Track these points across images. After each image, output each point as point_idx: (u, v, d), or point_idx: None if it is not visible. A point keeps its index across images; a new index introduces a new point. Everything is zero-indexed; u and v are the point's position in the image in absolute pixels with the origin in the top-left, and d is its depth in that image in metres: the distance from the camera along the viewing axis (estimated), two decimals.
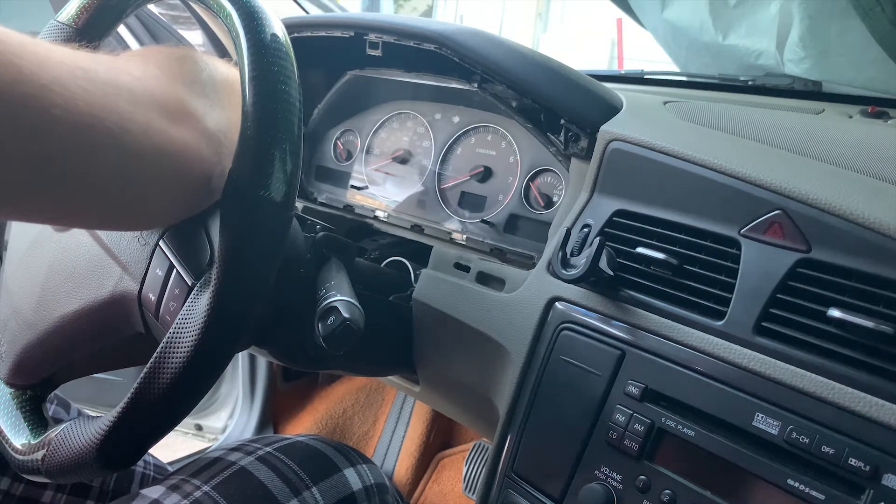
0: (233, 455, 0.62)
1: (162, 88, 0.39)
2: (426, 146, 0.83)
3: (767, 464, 0.43)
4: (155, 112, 0.37)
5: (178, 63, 0.42)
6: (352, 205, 0.87)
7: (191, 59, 0.43)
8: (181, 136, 0.39)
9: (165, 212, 0.43)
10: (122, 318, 0.49)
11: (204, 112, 0.41)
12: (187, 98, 0.41)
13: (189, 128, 0.40)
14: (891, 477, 0.39)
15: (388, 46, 0.75)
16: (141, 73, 0.39)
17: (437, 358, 0.71)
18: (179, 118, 0.39)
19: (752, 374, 0.46)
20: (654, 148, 0.56)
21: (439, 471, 1.31)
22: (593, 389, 0.52)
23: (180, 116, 0.39)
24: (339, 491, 0.63)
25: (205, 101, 0.42)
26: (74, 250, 0.52)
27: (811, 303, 0.45)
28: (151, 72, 0.40)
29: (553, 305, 0.57)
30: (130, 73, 0.38)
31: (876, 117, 0.72)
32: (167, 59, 0.42)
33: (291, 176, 0.40)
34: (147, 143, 0.36)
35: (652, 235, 0.54)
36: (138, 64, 0.40)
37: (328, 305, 0.51)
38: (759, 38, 0.95)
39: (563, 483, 0.53)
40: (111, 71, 0.36)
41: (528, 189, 0.74)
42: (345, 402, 1.37)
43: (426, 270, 0.69)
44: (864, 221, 0.44)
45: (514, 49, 0.67)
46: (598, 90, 0.66)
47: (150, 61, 0.41)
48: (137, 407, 0.41)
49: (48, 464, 0.47)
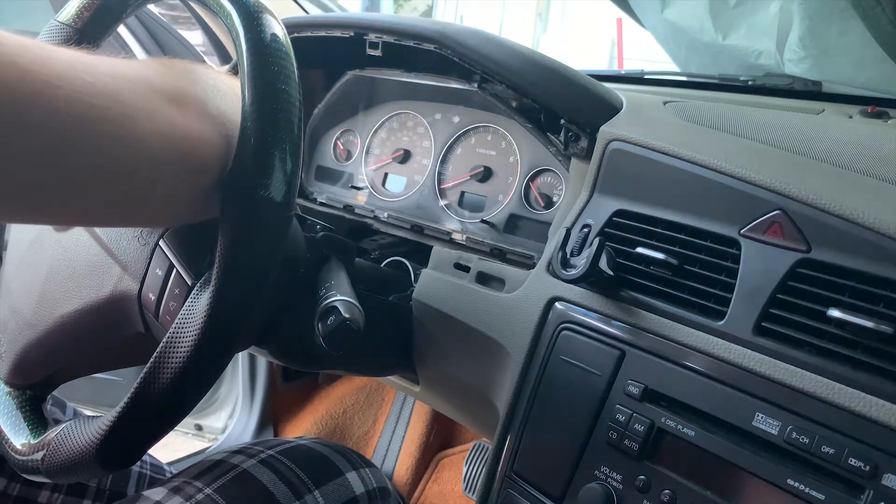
0: (235, 458, 0.62)
1: (162, 78, 0.39)
2: (426, 146, 0.83)
3: (767, 464, 0.43)
4: (157, 98, 0.38)
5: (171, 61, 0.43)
6: (352, 205, 0.87)
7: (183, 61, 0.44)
8: (185, 120, 0.39)
9: (178, 203, 0.42)
10: (122, 317, 0.49)
11: (204, 96, 0.42)
12: (186, 85, 0.41)
13: (192, 112, 0.40)
14: (891, 477, 0.39)
15: (388, 46, 0.75)
16: (140, 66, 0.39)
17: (436, 358, 0.71)
18: (182, 103, 0.39)
19: (751, 374, 0.46)
20: (654, 148, 0.56)
21: (439, 471, 1.31)
22: (593, 389, 0.52)
23: (182, 102, 0.39)
24: (341, 495, 0.63)
25: (203, 88, 0.42)
26: (74, 250, 0.52)
27: (811, 303, 0.45)
28: (149, 65, 0.40)
29: (553, 305, 0.57)
30: (130, 67, 0.38)
31: (876, 117, 0.72)
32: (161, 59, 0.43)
33: (291, 176, 0.40)
34: (152, 129, 0.37)
35: (652, 235, 0.54)
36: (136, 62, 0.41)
37: (328, 305, 0.51)
38: (759, 38, 0.95)
39: (563, 483, 0.53)
40: (112, 65, 0.37)
41: (528, 189, 0.74)
42: (345, 402, 1.38)
43: (426, 270, 0.69)
44: (864, 221, 0.44)
45: (514, 49, 0.67)
46: (598, 90, 0.66)
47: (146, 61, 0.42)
48: (137, 407, 0.41)
49: (48, 464, 0.47)
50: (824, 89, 0.86)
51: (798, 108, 0.76)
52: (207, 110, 0.41)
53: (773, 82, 0.88)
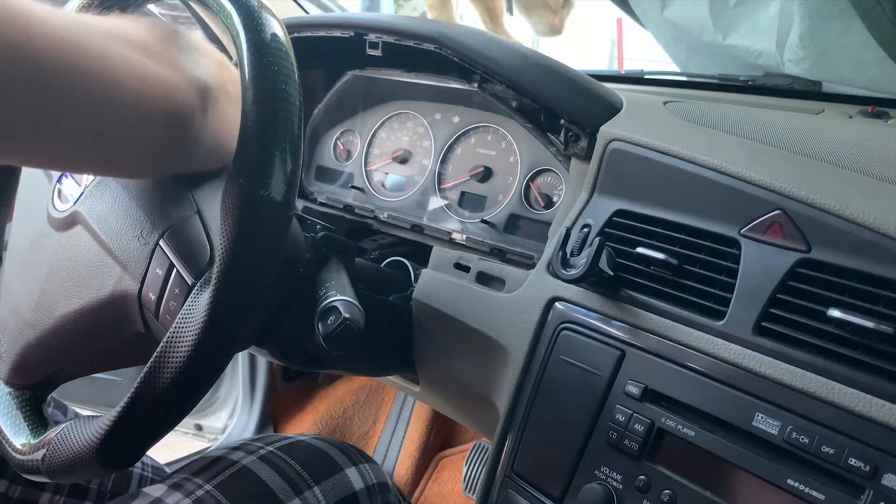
0: (235, 454, 0.62)
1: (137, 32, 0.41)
2: (426, 146, 0.83)
3: (767, 464, 0.43)
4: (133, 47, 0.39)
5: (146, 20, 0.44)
6: (352, 205, 0.87)
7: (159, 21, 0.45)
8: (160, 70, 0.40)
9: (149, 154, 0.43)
10: (122, 317, 0.49)
11: (178, 54, 0.43)
12: (160, 40, 0.42)
13: (170, 67, 0.41)
14: (891, 477, 0.39)
15: (387, 46, 0.75)
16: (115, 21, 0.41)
17: (436, 358, 0.71)
18: (157, 56, 0.40)
19: (751, 373, 0.46)
20: (654, 148, 0.56)
21: (439, 471, 1.31)
22: (593, 389, 0.52)
23: (157, 55, 0.40)
24: (340, 490, 0.63)
25: (176, 48, 0.43)
26: (74, 250, 0.52)
27: (811, 303, 0.45)
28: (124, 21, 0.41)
29: (553, 305, 0.57)
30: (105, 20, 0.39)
31: (876, 117, 0.72)
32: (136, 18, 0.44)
33: (291, 176, 0.40)
34: (128, 72, 0.37)
35: (652, 235, 0.54)
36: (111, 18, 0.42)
37: (328, 305, 0.51)
38: (759, 38, 0.95)
39: (563, 483, 0.53)
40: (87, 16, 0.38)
41: (528, 189, 0.74)
42: (345, 402, 1.38)
43: (426, 270, 0.69)
44: (864, 221, 0.44)
45: (514, 49, 0.67)
46: (598, 90, 0.66)
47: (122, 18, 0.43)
48: (137, 407, 0.41)
49: (48, 464, 0.47)
50: (824, 89, 0.86)
51: (798, 108, 0.76)
52: (181, 64, 0.42)
53: (773, 82, 0.88)
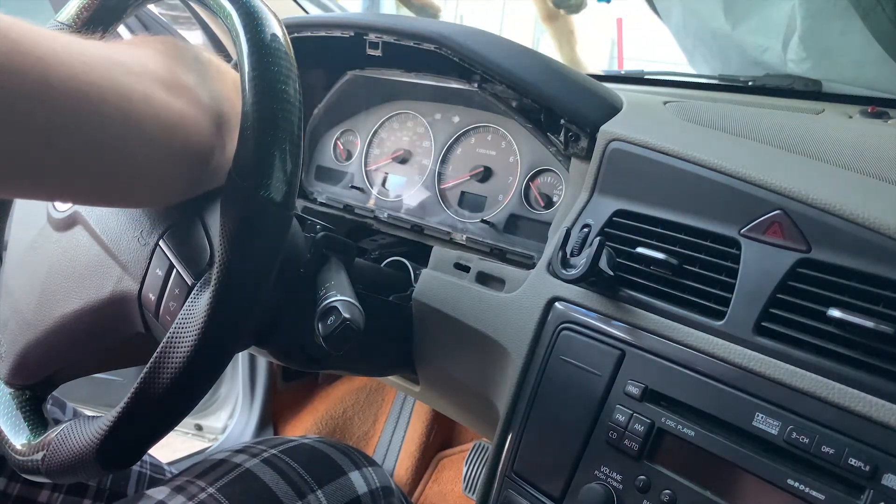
0: (238, 457, 0.62)
1: (156, 63, 0.40)
2: (426, 146, 0.83)
3: (767, 464, 0.43)
4: (153, 83, 0.38)
5: (163, 44, 0.43)
6: (352, 205, 0.87)
7: (174, 42, 0.45)
8: (180, 107, 0.39)
9: (169, 187, 0.43)
10: (122, 317, 0.49)
11: (197, 85, 0.42)
12: (180, 72, 0.41)
13: (187, 99, 0.40)
14: (891, 477, 0.39)
15: (388, 46, 0.75)
16: (133, 51, 0.40)
17: (436, 358, 0.71)
18: (176, 90, 0.40)
19: (751, 374, 0.46)
20: (654, 148, 0.56)
21: (439, 471, 1.31)
22: (593, 389, 0.52)
23: (177, 89, 0.40)
24: (344, 494, 0.63)
25: (195, 76, 0.43)
26: (74, 250, 0.52)
27: (811, 303, 0.45)
28: (142, 51, 0.41)
29: (553, 305, 0.57)
30: (123, 52, 0.39)
31: (876, 117, 0.72)
32: (154, 42, 0.43)
33: (291, 176, 0.40)
34: (149, 113, 0.37)
35: (652, 235, 0.54)
36: (128, 45, 0.41)
37: (328, 305, 0.51)
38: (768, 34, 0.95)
39: (563, 483, 0.53)
40: (106, 49, 0.37)
41: (528, 189, 0.74)
42: (345, 402, 1.38)
43: (426, 270, 0.69)
44: (864, 221, 0.44)
45: (514, 49, 0.67)
46: (598, 90, 0.66)
47: (139, 44, 0.42)
48: (137, 407, 0.41)
49: (48, 464, 0.47)
50: (824, 89, 0.86)
51: (798, 108, 0.76)
52: (201, 98, 0.42)
53: (773, 82, 0.88)
